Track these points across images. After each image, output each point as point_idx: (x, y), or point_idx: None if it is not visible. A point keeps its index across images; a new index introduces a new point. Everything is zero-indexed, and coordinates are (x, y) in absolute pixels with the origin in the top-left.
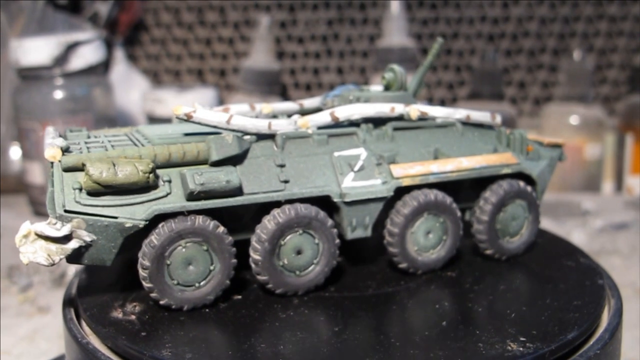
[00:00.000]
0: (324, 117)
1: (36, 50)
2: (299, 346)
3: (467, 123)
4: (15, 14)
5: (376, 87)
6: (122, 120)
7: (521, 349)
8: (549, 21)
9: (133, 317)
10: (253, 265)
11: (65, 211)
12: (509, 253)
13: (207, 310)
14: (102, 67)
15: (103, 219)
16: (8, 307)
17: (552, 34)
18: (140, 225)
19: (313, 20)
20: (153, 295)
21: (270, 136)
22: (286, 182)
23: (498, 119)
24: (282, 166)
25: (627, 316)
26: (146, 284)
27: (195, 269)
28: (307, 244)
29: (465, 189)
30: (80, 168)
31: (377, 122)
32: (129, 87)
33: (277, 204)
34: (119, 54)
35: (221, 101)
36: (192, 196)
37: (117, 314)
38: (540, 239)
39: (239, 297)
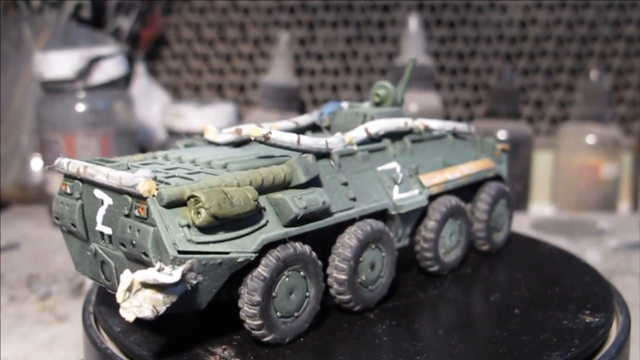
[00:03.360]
0: (361, 133)
1: (59, 64)
2: (436, 353)
3: (454, 134)
4: (40, 28)
5: (365, 104)
6: (143, 134)
7: (596, 319)
8: (567, 41)
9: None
10: (336, 286)
11: (180, 252)
12: (497, 247)
13: (302, 339)
14: (124, 81)
15: (217, 256)
16: (27, 316)
17: (570, 53)
18: (252, 259)
19: (332, 37)
20: (260, 332)
21: (325, 155)
22: (354, 199)
23: (472, 129)
24: (345, 184)
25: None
26: (254, 322)
27: (295, 297)
28: (377, 258)
29: (459, 193)
30: (182, 202)
31: (393, 136)
32: (150, 101)
33: (350, 222)
34: (140, 69)
35: (240, 116)
36: (293, 221)
37: None
38: None
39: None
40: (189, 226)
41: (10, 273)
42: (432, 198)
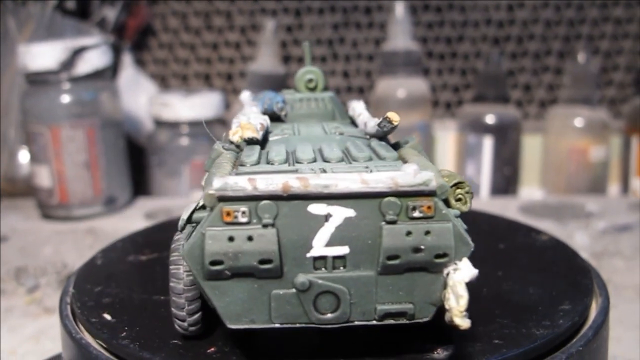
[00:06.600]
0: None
1: (43, 55)
2: (546, 297)
3: None
4: (24, 20)
5: (292, 91)
6: (130, 125)
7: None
8: (554, 24)
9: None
10: None
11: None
12: None
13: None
14: (110, 72)
15: None
16: (14, 308)
17: (558, 36)
18: None
19: (319, 24)
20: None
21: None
22: None
23: None
24: None
25: (629, 318)
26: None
27: None
28: None
29: None
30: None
31: None
32: (137, 91)
33: None
34: (127, 59)
35: (228, 105)
36: None
37: None
38: None
39: None
40: (456, 216)
41: None
42: None
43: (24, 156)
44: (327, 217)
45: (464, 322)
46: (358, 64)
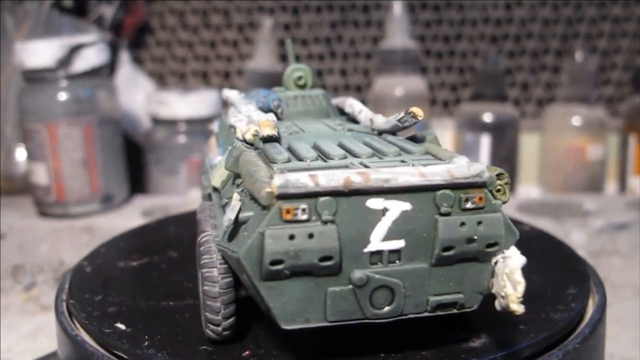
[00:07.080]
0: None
1: (40, 53)
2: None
3: None
4: (22, 17)
5: (282, 89)
6: (127, 122)
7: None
8: (552, 22)
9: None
10: None
11: None
12: None
13: None
14: (107, 70)
15: None
16: (11, 306)
17: (555, 35)
18: None
19: (316, 22)
20: (522, 310)
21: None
22: None
23: None
24: None
25: (626, 316)
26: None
27: None
28: None
29: None
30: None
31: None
32: (135, 89)
33: None
34: (125, 57)
35: (225, 103)
36: None
37: None
38: None
39: None
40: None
41: None
42: None
43: (21, 154)
44: (384, 212)
45: (520, 308)
46: (356, 62)
